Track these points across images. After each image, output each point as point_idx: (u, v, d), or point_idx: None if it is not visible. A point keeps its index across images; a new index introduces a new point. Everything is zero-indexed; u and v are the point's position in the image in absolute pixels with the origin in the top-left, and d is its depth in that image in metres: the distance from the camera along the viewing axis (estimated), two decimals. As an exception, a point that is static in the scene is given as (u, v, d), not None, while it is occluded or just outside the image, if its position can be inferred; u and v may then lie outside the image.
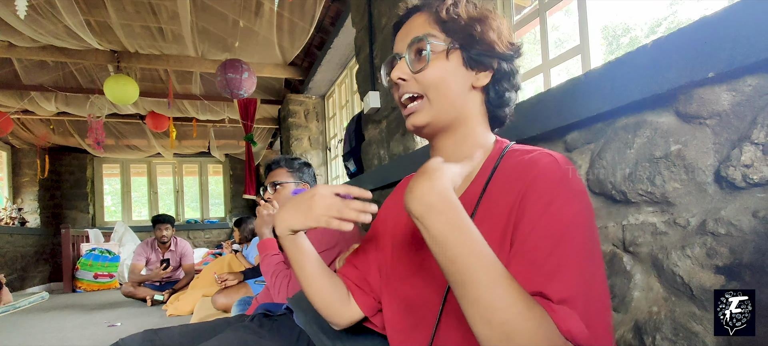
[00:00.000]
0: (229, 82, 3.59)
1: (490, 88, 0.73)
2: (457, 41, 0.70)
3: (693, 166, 0.78)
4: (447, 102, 0.71)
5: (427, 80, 0.70)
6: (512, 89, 0.75)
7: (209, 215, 8.53)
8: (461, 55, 0.70)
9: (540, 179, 0.60)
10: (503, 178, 0.67)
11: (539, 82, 1.76)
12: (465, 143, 0.74)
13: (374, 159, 2.41)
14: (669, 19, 11.10)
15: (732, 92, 0.72)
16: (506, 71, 0.73)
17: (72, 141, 6.55)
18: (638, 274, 0.88)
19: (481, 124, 0.74)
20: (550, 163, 0.62)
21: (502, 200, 0.64)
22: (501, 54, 0.71)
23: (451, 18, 0.70)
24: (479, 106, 0.74)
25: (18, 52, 3.86)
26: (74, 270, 5.94)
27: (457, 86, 0.71)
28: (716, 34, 0.70)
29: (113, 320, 3.44)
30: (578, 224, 0.57)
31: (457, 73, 0.70)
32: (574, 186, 0.60)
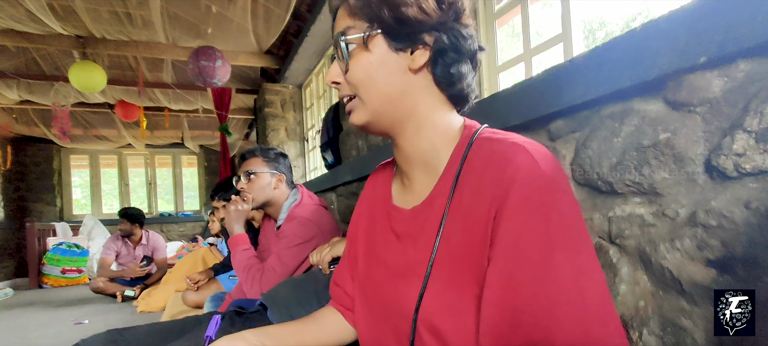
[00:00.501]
0: (202, 70, 3.46)
1: (434, 66, 0.64)
2: (375, 25, 0.62)
3: (682, 155, 0.75)
4: (380, 96, 0.64)
5: (354, 79, 0.64)
6: (461, 60, 0.64)
7: (183, 207, 8.34)
8: (384, 40, 0.63)
9: (516, 188, 0.53)
10: (475, 173, 0.59)
11: (521, 72, 1.73)
12: (421, 136, 0.66)
13: (352, 150, 2.35)
14: (643, 13, 11.34)
15: (724, 78, 0.69)
16: (447, 42, 0.63)
17: (37, 131, 6.27)
18: (625, 267, 0.85)
19: (436, 108, 0.66)
20: (527, 164, 0.54)
21: (473, 203, 0.57)
22: (431, 25, 0.62)
23: (360, 4, 0.63)
24: (427, 89, 0.65)
25: (-25, 36, 3.64)
26: (40, 265, 5.71)
27: (388, 75, 0.63)
28: (709, 17, 0.67)
29: (81, 318, 3.32)
30: (563, 241, 0.50)
31: (383, 61, 0.63)
32: (556, 187, 0.53)
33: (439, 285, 0.60)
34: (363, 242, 0.79)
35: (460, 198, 0.60)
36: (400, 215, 0.70)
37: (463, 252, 0.58)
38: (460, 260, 0.58)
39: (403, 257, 0.68)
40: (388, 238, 0.72)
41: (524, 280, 0.50)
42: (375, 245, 0.75)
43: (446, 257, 0.60)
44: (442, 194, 0.64)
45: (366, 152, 2.15)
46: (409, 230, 0.68)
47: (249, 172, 1.73)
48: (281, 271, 1.58)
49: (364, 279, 0.76)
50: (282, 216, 1.74)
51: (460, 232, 0.59)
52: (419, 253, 0.65)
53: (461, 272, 0.58)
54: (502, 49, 1.95)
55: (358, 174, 2.15)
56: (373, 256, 0.75)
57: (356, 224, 0.84)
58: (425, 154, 0.67)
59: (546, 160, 0.55)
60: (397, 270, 0.68)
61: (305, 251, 1.63)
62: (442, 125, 0.66)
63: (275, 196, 1.77)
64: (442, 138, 0.66)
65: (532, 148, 0.56)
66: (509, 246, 0.52)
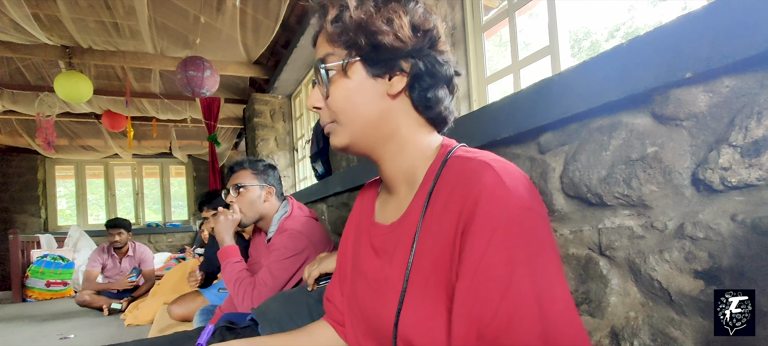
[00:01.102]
0: (191, 80, 3.44)
1: (411, 91, 0.66)
2: (353, 53, 0.64)
3: (670, 168, 0.76)
4: (359, 120, 0.66)
5: (333, 105, 0.66)
6: (437, 85, 0.66)
7: (171, 218, 8.24)
8: (362, 66, 0.64)
9: (483, 202, 0.54)
10: (446, 190, 0.60)
11: (509, 83, 1.75)
12: (402, 156, 0.68)
13: (343, 160, 2.35)
14: (627, 23, 11.55)
15: (709, 93, 0.70)
16: (422, 68, 0.65)
17: (21, 141, 6.17)
18: (615, 278, 0.86)
19: (415, 130, 0.68)
20: (493, 180, 0.55)
21: (443, 220, 0.59)
22: (406, 52, 0.64)
23: (337, 31, 0.64)
24: (407, 113, 0.67)
25: (-43, 46, 3.59)
26: (24, 278, 5.58)
27: (366, 101, 0.65)
28: (694, 33, 0.68)
29: (66, 332, 3.24)
30: (525, 257, 0.51)
31: (362, 88, 0.65)
32: (520, 204, 0.53)
33: (414, 300, 0.61)
34: (350, 258, 0.81)
35: (432, 214, 0.61)
36: (379, 230, 0.72)
37: (434, 267, 0.59)
38: (433, 275, 0.59)
39: (381, 272, 0.69)
40: (368, 253, 0.73)
41: (488, 295, 0.51)
42: (359, 260, 0.76)
43: (420, 272, 0.61)
44: (416, 211, 0.65)
45: (356, 163, 2.15)
46: (386, 245, 0.69)
47: (238, 185, 1.71)
48: (272, 284, 1.56)
49: (351, 295, 0.78)
50: (272, 229, 1.73)
51: (431, 248, 0.60)
52: (394, 268, 0.66)
53: (434, 287, 0.59)
54: (490, 58, 1.98)
55: (348, 185, 2.15)
56: (357, 271, 0.76)
57: (346, 240, 0.85)
58: (405, 173, 0.69)
59: (512, 179, 0.55)
60: (377, 285, 0.69)
61: (296, 264, 1.62)
62: (421, 146, 0.68)
63: (265, 209, 1.75)
64: (421, 157, 0.68)
65: (498, 167, 0.56)
66: (474, 262, 0.53)
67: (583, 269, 0.93)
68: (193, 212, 8.25)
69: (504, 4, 2.15)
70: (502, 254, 0.51)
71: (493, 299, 0.51)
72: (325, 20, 0.65)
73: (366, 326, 0.72)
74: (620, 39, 11.44)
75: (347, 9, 0.63)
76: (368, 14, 0.63)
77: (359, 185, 2.02)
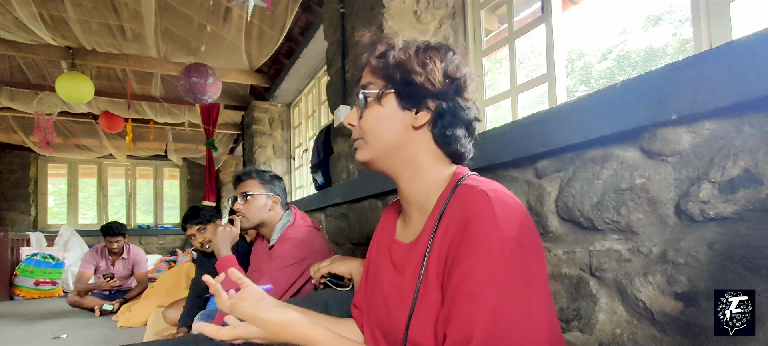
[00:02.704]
0: (194, 86, 3.50)
1: (433, 126, 0.75)
2: (389, 86, 0.75)
3: (655, 199, 0.84)
4: (383, 143, 0.76)
5: (364, 126, 0.77)
6: (457, 125, 0.75)
7: (163, 220, 8.21)
8: (395, 99, 0.75)
9: (471, 225, 0.63)
10: (450, 214, 0.70)
11: (505, 105, 1.83)
12: (417, 182, 0.77)
13: (343, 172, 2.41)
14: (619, 46, 11.82)
15: (692, 134, 0.78)
16: (446, 109, 0.74)
17: (15, 138, 6.15)
18: (603, 298, 0.93)
19: (432, 161, 0.77)
20: (483, 208, 0.63)
21: (445, 238, 0.68)
22: (434, 93, 0.74)
23: (380, 66, 0.75)
24: (427, 144, 0.76)
25: (-39, 42, 3.61)
26: (12, 276, 5.53)
27: (392, 128, 0.75)
28: (679, 80, 0.77)
29: (58, 332, 3.23)
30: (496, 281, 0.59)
31: (392, 116, 0.75)
32: (504, 232, 0.61)
33: (422, 310, 0.70)
34: (372, 271, 0.90)
35: (439, 236, 0.70)
36: (399, 247, 0.82)
37: (437, 281, 0.69)
38: (435, 289, 0.69)
39: (395, 284, 0.78)
40: (388, 266, 0.82)
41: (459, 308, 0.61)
42: (378, 272, 0.85)
43: (427, 287, 0.71)
44: (427, 232, 0.74)
45: (356, 176, 2.22)
46: (402, 261, 0.79)
47: (245, 193, 1.77)
48: (274, 291, 1.62)
49: (368, 301, 0.87)
50: (275, 236, 1.79)
51: (435, 265, 0.70)
52: (406, 282, 0.75)
53: (435, 298, 0.69)
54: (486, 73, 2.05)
55: (348, 196, 2.21)
56: (375, 281, 0.85)
57: (370, 253, 0.94)
58: (419, 197, 0.78)
59: (503, 207, 0.63)
60: (390, 295, 0.78)
61: (297, 272, 1.67)
62: (435, 174, 0.77)
63: (269, 217, 1.81)
64: (434, 184, 0.77)
65: (494, 196, 0.65)
66: (456, 278, 0.63)
67: (574, 288, 1.00)
68: (186, 215, 8.23)
69: (503, 27, 2.25)
70: (476, 275, 0.61)
71: (460, 312, 0.61)
72: (372, 55, 0.76)
73: (380, 332, 0.81)
74: (612, 61, 11.66)
75: (393, 49, 0.75)
76: (408, 56, 0.73)
77: (359, 197, 2.08)
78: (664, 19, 10.86)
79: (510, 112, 1.80)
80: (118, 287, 4.27)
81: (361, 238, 2.10)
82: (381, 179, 1.84)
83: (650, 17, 11.15)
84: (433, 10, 2.04)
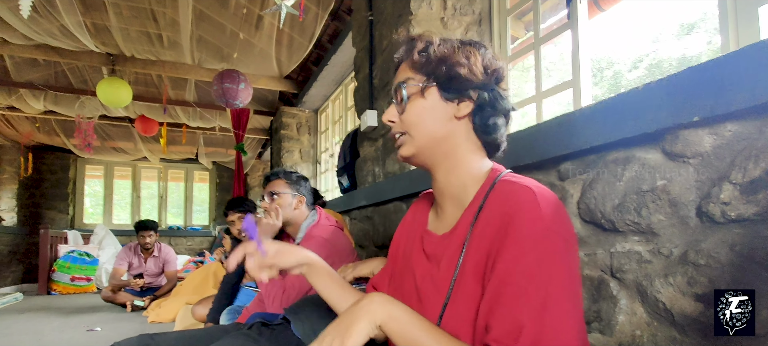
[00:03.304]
0: (226, 91, 3.62)
1: (474, 116, 0.78)
2: (432, 79, 0.77)
3: (677, 200, 0.85)
4: (427, 135, 0.78)
5: (407, 120, 0.78)
6: (497, 115, 0.78)
7: (192, 222, 8.44)
8: (438, 91, 0.77)
9: (517, 220, 0.64)
10: (490, 209, 0.71)
11: (530, 110, 1.84)
12: (455, 173, 0.79)
13: (368, 176, 2.45)
14: (651, 55, 11.53)
15: (714, 136, 0.79)
16: (487, 99, 0.77)
17: (57, 140, 6.47)
18: (624, 299, 0.94)
19: (471, 152, 0.79)
20: (529, 202, 0.65)
21: (486, 232, 0.69)
22: (476, 84, 0.76)
23: (422, 60, 0.78)
24: (467, 135, 0.78)
25: (11, 48, 3.84)
26: (51, 272, 5.80)
27: (436, 120, 0.77)
28: (701, 83, 0.78)
29: (92, 325, 3.38)
30: (544, 275, 0.61)
31: (435, 108, 0.77)
32: (550, 228, 0.63)
33: (457, 302, 0.72)
34: (400, 259, 0.92)
35: (478, 230, 0.72)
36: (432, 238, 0.83)
37: (474, 275, 0.70)
38: (472, 282, 0.70)
39: (428, 274, 0.80)
40: (420, 258, 0.84)
41: (506, 299, 0.62)
42: (410, 262, 0.87)
43: (463, 279, 0.72)
44: (465, 225, 0.75)
45: (382, 179, 2.26)
46: (436, 252, 0.80)
47: (273, 192, 1.84)
48: (299, 287, 1.67)
49: (396, 290, 0.89)
50: (300, 235, 1.84)
51: (473, 258, 0.71)
52: (441, 273, 0.77)
53: (472, 292, 0.70)
54: (512, 81, 2.07)
55: (373, 200, 2.25)
56: (407, 272, 0.87)
57: (397, 242, 0.97)
58: (456, 189, 0.79)
59: (548, 204, 0.66)
60: (423, 286, 0.80)
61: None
62: (473, 167, 0.79)
63: (295, 216, 1.87)
64: (472, 178, 0.78)
65: (538, 192, 0.67)
66: (502, 271, 0.64)
67: (595, 290, 1.01)
68: (214, 218, 8.44)
69: (530, 34, 2.26)
70: (524, 269, 0.62)
71: (508, 305, 0.62)
72: (413, 51, 0.79)
73: None
74: (643, 70, 11.34)
75: (432, 44, 0.78)
76: (450, 50, 0.77)
77: (384, 200, 2.12)
78: (698, 27, 10.56)
79: (536, 119, 1.81)
80: (148, 284, 4.43)
81: (385, 240, 2.14)
82: (406, 182, 1.87)
83: (684, 25, 10.87)
84: (460, 16, 2.07)
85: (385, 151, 2.26)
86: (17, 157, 6.70)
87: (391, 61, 2.18)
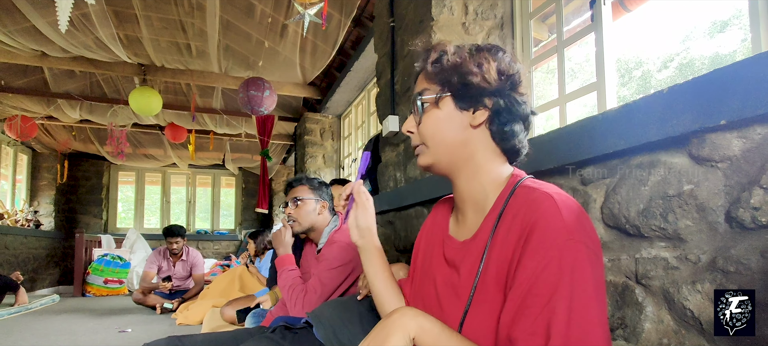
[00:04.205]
0: (251, 99, 3.70)
1: (491, 124, 0.77)
2: (446, 89, 0.77)
3: (704, 206, 0.82)
4: (444, 145, 0.78)
5: (424, 131, 0.79)
6: (514, 121, 0.77)
7: (219, 226, 8.62)
8: (452, 101, 0.77)
9: (539, 229, 0.64)
10: (511, 216, 0.70)
11: (555, 114, 1.82)
12: (475, 180, 0.79)
13: (390, 181, 2.46)
14: (681, 54, 11.19)
15: (742, 139, 0.77)
16: (503, 106, 0.76)
17: (91, 148, 6.72)
18: (650, 306, 0.92)
19: (490, 159, 0.78)
20: (550, 210, 0.64)
21: (508, 240, 0.69)
22: (491, 91, 0.76)
23: (436, 71, 0.78)
24: (485, 143, 0.78)
25: (49, 61, 4.03)
26: (85, 274, 6.01)
27: (452, 129, 0.77)
28: (728, 85, 0.76)
29: (123, 326, 3.48)
30: (567, 284, 0.60)
31: (450, 118, 0.77)
32: (572, 236, 0.62)
33: (478, 308, 0.72)
34: (420, 264, 0.93)
35: (499, 236, 0.72)
36: (453, 244, 0.83)
37: (496, 281, 0.70)
38: (493, 288, 0.70)
39: (449, 280, 0.80)
40: (440, 262, 0.85)
41: (529, 309, 0.62)
42: (430, 267, 0.87)
43: (484, 285, 0.72)
44: (486, 231, 0.75)
45: (403, 184, 2.26)
46: (457, 258, 0.80)
47: (296, 198, 1.87)
48: (321, 291, 1.69)
49: (415, 295, 0.89)
50: (323, 240, 1.87)
51: (495, 264, 0.71)
52: (462, 279, 0.77)
53: (493, 298, 0.70)
54: (536, 84, 2.04)
55: (395, 204, 2.26)
56: (427, 276, 0.87)
57: (417, 247, 0.98)
58: (476, 195, 0.79)
59: (569, 211, 0.65)
60: (444, 291, 0.80)
61: (343, 274, 1.74)
62: (493, 173, 0.79)
63: (319, 221, 1.90)
64: (492, 184, 0.78)
65: (559, 199, 0.66)
66: (525, 280, 0.63)
67: (619, 296, 0.99)
68: (240, 222, 8.60)
69: (553, 37, 2.23)
70: (548, 279, 0.61)
71: (533, 316, 0.61)
72: (428, 61, 0.79)
73: None
74: (673, 70, 11.01)
75: (446, 54, 0.78)
76: (463, 58, 0.76)
77: (406, 205, 2.12)
78: (732, 24, 10.19)
79: (559, 123, 1.79)
80: (177, 287, 4.54)
81: (407, 244, 2.14)
82: (427, 187, 1.87)
83: (716, 23, 10.51)
84: (482, 21, 2.06)
85: (406, 157, 2.26)
86: (55, 164, 7.00)
87: (412, 67, 2.19)
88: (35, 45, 3.68)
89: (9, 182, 6.43)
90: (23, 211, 6.35)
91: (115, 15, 3.44)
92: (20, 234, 5.89)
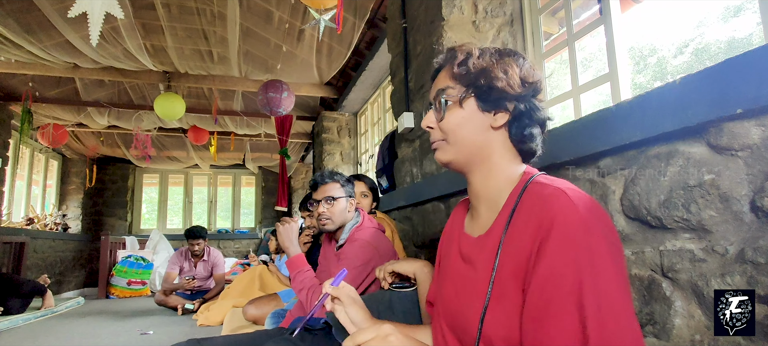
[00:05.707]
0: (270, 100, 3.76)
1: (511, 126, 0.79)
2: (470, 90, 0.79)
3: (727, 195, 0.81)
4: (464, 143, 0.80)
5: (446, 127, 0.81)
6: (532, 125, 0.80)
7: (240, 225, 8.74)
8: (475, 102, 0.79)
9: (557, 225, 0.64)
10: (524, 212, 0.71)
11: (569, 106, 1.79)
12: (491, 178, 0.80)
13: (407, 176, 2.47)
14: (696, 39, 10.86)
15: (761, 127, 0.75)
16: (523, 110, 0.79)
17: (118, 152, 6.91)
18: (678, 301, 0.90)
19: (506, 159, 0.80)
20: (566, 207, 0.64)
21: (522, 237, 0.69)
22: (513, 96, 0.78)
23: (462, 71, 0.80)
24: (503, 143, 0.80)
25: (81, 72, 4.18)
26: (109, 276, 6.05)
27: (473, 129, 0.79)
28: (741, 74, 0.74)
29: (145, 328, 3.45)
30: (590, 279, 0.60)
31: (472, 118, 0.79)
32: (590, 230, 0.62)
33: (496, 305, 0.72)
34: (441, 263, 0.94)
35: (513, 231, 0.72)
36: (468, 240, 0.84)
37: (513, 276, 0.70)
38: (510, 283, 0.70)
39: (466, 276, 0.80)
40: (457, 259, 0.85)
41: (557, 308, 0.61)
42: (448, 264, 0.88)
43: (501, 280, 0.72)
44: (499, 227, 0.76)
45: (420, 180, 2.27)
46: (472, 254, 0.81)
47: (329, 197, 1.82)
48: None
49: (437, 295, 0.90)
50: (343, 236, 1.84)
51: (510, 260, 0.71)
52: (479, 275, 0.77)
53: (512, 294, 0.69)
54: (550, 75, 2.01)
55: (412, 200, 2.26)
56: (446, 275, 0.88)
57: (440, 248, 0.98)
58: (491, 193, 0.81)
59: (585, 205, 0.65)
60: (461, 288, 0.80)
61: (364, 273, 1.72)
62: (508, 171, 0.80)
63: (347, 219, 1.86)
64: (506, 181, 0.80)
65: (573, 194, 0.66)
66: (545, 276, 0.63)
67: (646, 290, 0.97)
68: (260, 220, 8.71)
69: (563, 30, 2.20)
70: (569, 274, 0.61)
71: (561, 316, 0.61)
72: (453, 62, 0.81)
73: (448, 323, 0.84)
74: (689, 56, 10.69)
75: (472, 56, 0.80)
76: (489, 63, 0.79)
77: (423, 200, 2.12)
78: (747, 8, 9.89)
79: (574, 115, 1.77)
80: (198, 287, 4.60)
81: (424, 240, 2.14)
82: (444, 182, 1.87)
83: (729, 7, 10.21)
84: (491, 19, 2.05)
85: (422, 152, 2.26)
86: (83, 169, 7.20)
87: (425, 64, 2.19)
88: (68, 58, 3.82)
89: (40, 187, 6.63)
90: (52, 215, 6.54)
91: (142, 27, 3.55)
92: (49, 238, 6.03)
